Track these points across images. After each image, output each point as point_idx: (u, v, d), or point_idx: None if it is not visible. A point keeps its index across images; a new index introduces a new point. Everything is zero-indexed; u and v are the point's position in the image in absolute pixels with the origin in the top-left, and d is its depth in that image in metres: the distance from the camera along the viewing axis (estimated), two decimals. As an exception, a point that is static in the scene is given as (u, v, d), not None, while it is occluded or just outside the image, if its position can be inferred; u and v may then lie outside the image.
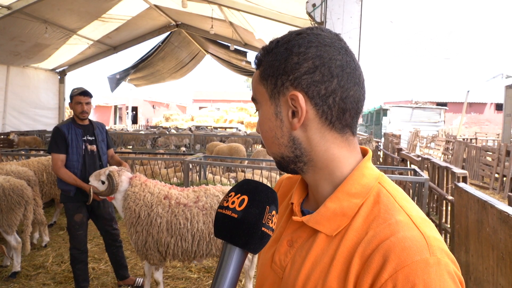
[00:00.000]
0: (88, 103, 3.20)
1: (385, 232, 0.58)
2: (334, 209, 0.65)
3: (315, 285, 0.62)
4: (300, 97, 0.64)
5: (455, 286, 0.53)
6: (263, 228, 0.58)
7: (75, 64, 12.67)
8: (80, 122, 3.22)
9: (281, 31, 7.33)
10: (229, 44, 11.78)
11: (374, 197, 0.64)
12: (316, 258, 0.64)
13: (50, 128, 11.10)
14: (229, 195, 0.61)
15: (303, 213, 0.73)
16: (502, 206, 2.58)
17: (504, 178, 8.33)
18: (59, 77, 12.72)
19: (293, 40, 0.66)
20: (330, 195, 0.67)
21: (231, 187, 3.37)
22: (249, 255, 3.36)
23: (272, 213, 0.60)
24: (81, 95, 3.15)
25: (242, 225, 0.57)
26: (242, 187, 0.61)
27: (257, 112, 0.73)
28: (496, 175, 8.77)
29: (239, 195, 0.60)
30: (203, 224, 2.79)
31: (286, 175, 0.90)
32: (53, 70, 12.42)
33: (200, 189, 3.02)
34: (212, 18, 9.29)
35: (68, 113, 14.74)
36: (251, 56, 12.93)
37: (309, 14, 2.42)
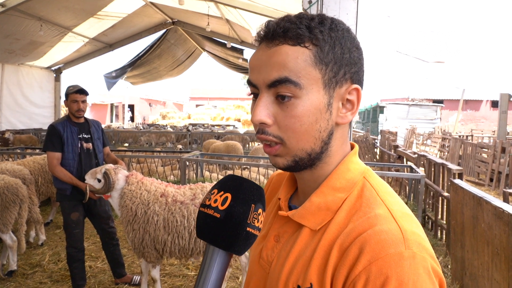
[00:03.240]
0: (84, 101, 3.18)
1: (364, 225, 0.58)
2: (318, 204, 0.64)
3: (297, 279, 0.61)
4: (360, 92, 0.63)
5: (429, 281, 0.52)
6: (248, 229, 0.54)
7: (70, 62, 12.58)
8: (75, 120, 3.21)
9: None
10: (225, 42, 11.74)
11: (358, 191, 0.64)
12: (299, 252, 0.64)
13: (46, 127, 11.01)
14: (212, 192, 0.57)
15: (291, 208, 0.71)
16: (497, 202, 2.60)
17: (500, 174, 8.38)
18: (54, 75, 12.62)
19: (350, 31, 0.64)
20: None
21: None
22: (246, 253, 3.36)
23: (258, 212, 0.56)
24: (77, 93, 3.13)
25: (225, 225, 0.53)
26: (226, 183, 0.57)
27: (287, 98, 0.60)
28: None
29: (222, 192, 0.56)
30: (200, 222, 2.79)
31: (277, 171, 0.88)
32: (49, 68, 12.33)
33: (197, 186, 3.02)
34: (208, 15, 9.25)
35: (64, 111, 14.66)
36: (248, 53, 12.88)
37: (305, 10, 2.41)
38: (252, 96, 0.66)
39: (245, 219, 0.54)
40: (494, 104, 28.53)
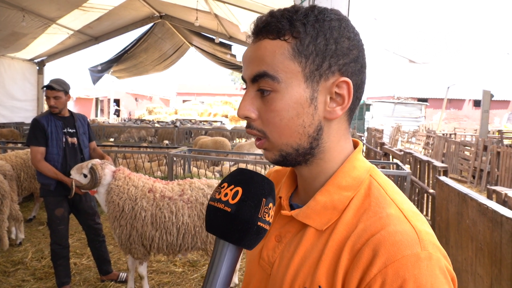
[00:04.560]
0: (57, 97, 3.04)
1: (376, 225, 0.56)
2: (324, 203, 0.62)
3: (304, 281, 0.60)
4: (351, 85, 0.60)
5: (446, 281, 0.52)
6: (259, 223, 0.54)
7: (54, 55, 12.29)
8: (59, 113, 3.13)
9: (267, 24, 7.30)
10: (214, 37, 11.65)
11: (365, 190, 0.62)
12: (305, 253, 0.62)
13: (28, 121, 10.76)
14: (222, 186, 0.57)
15: (292, 207, 0.70)
16: (482, 199, 2.66)
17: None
18: (37, 67, 12.32)
19: (342, 21, 0.61)
20: (320, 188, 0.64)
21: (216, 180, 3.32)
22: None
23: (269, 206, 0.56)
24: (47, 89, 3.03)
25: (236, 220, 0.53)
26: (236, 177, 0.57)
27: (267, 93, 0.60)
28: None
29: (233, 186, 0.55)
30: (188, 217, 2.77)
31: (274, 168, 0.85)
32: (31, 60, 12.02)
33: (185, 182, 2.99)
34: (197, 10, 9.16)
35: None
36: (236, 49, 12.83)
37: (296, 6, 2.40)
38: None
39: (256, 213, 0.54)
40: (476, 103, 29.20)
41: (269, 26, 0.59)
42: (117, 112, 29.63)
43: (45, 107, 12.72)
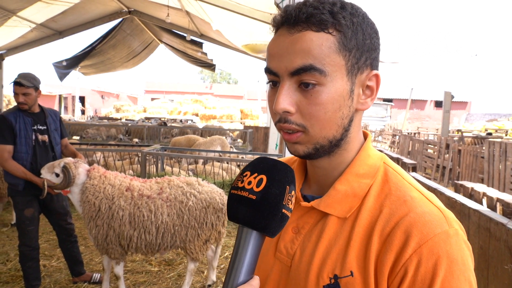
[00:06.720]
0: (27, 94, 2.89)
1: (402, 209, 0.59)
2: (345, 191, 0.64)
3: (333, 268, 0.61)
4: (380, 78, 0.63)
5: (469, 253, 0.57)
6: (283, 210, 0.54)
7: (15, 48, 11.64)
8: (28, 110, 2.98)
9: (240, 23, 7.28)
10: (185, 34, 11.48)
11: (382, 177, 0.65)
12: (329, 241, 0.63)
13: (-14, 118, 10.11)
14: (244, 174, 0.56)
15: (306, 199, 0.70)
16: (450, 193, 2.82)
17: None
18: (-5, 61, 11.63)
19: (368, 17, 0.63)
20: (339, 177, 0.66)
21: (195, 178, 3.25)
22: (212, 246, 3.34)
23: (292, 194, 0.56)
24: (15, 85, 2.88)
25: (262, 207, 0.53)
26: (259, 165, 0.56)
27: (311, 86, 0.58)
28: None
29: (256, 174, 0.54)
30: (167, 216, 2.73)
31: None
32: (-11, 54, 11.33)
33: (164, 180, 2.95)
34: (168, 6, 8.99)
35: (6, 101, 13.55)
36: (207, 47, 12.75)
37: (277, 5, 2.44)
38: (270, 84, 0.64)
39: (281, 200, 0.54)
40: (438, 104, 30.67)
41: (313, 18, 0.57)
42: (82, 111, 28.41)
43: (4, 105, 12.03)
